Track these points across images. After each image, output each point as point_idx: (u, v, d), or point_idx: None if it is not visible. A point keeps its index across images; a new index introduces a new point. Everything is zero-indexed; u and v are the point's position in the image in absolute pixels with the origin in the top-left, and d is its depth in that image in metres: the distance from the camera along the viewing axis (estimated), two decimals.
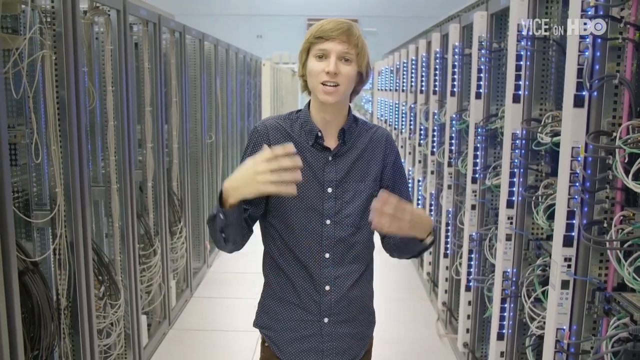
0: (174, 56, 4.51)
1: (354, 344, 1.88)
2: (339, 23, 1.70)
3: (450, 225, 4.25)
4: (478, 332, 3.54)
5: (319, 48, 1.69)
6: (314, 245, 1.78)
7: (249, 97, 8.21)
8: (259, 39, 18.26)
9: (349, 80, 1.71)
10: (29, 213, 2.70)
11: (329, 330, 1.83)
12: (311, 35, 1.71)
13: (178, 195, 4.64)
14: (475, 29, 3.37)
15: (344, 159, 1.79)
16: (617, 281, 2.00)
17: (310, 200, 1.76)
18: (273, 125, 1.80)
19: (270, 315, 1.87)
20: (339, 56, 1.68)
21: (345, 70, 1.69)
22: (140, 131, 3.91)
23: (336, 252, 1.79)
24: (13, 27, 2.60)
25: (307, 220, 1.77)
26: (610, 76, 1.95)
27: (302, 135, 1.79)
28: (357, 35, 1.71)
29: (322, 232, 1.78)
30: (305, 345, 1.83)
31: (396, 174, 1.86)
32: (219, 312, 4.68)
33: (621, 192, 1.97)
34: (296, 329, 1.83)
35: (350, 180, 1.79)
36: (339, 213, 1.78)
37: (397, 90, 7.13)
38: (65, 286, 2.63)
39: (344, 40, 1.68)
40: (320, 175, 1.77)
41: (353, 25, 1.72)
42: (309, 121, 1.79)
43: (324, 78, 1.68)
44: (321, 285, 1.79)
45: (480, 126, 3.37)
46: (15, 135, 2.55)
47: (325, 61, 1.68)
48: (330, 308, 1.81)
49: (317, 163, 1.77)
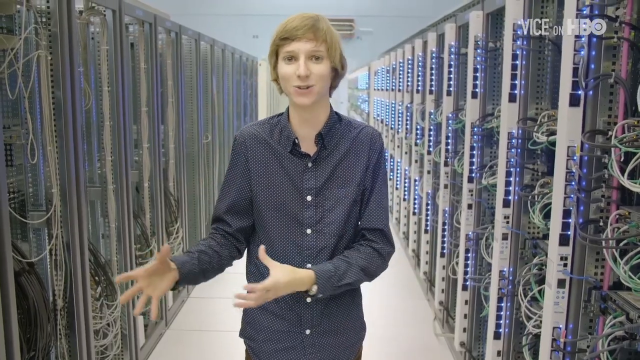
0: (170, 56, 4.50)
1: (339, 354, 1.81)
2: (303, 19, 1.60)
3: (446, 225, 4.26)
4: (475, 331, 3.54)
5: (286, 50, 1.60)
6: (294, 256, 1.71)
7: (245, 97, 8.20)
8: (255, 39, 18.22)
9: (323, 78, 1.62)
10: (24, 214, 2.69)
11: (312, 342, 1.77)
12: (277, 37, 1.62)
13: (174, 195, 4.64)
14: (471, 29, 3.38)
15: (324, 164, 1.71)
16: (613, 280, 2.01)
17: (289, 209, 1.70)
18: (251, 134, 1.74)
19: (253, 325, 1.82)
20: (308, 55, 1.59)
21: (317, 69, 1.60)
22: (136, 131, 3.90)
23: (317, 262, 1.71)
24: (8, 27, 2.58)
25: (286, 230, 1.71)
26: (606, 75, 1.96)
27: (281, 142, 1.72)
28: (325, 30, 1.60)
29: (303, 242, 1.71)
30: (288, 356, 1.77)
31: (375, 178, 1.75)
32: (215, 313, 4.68)
33: (617, 190, 1.98)
34: (278, 340, 1.77)
35: (331, 187, 1.71)
36: (320, 222, 1.71)
37: (393, 90, 7.13)
38: (61, 287, 2.62)
39: (310, 38, 1.58)
40: (298, 183, 1.70)
41: (319, 18, 1.62)
42: (287, 126, 1.71)
43: (296, 81, 1.60)
44: (302, 297, 1.72)
45: (476, 125, 3.38)
46: (11, 135, 2.53)
47: (294, 63, 1.60)
48: (312, 320, 1.75)
49: (295, 170, 1.70)
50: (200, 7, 18.25)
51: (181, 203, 4.75)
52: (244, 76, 8.06)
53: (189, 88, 5.25)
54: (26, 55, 2.39)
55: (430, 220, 4.99)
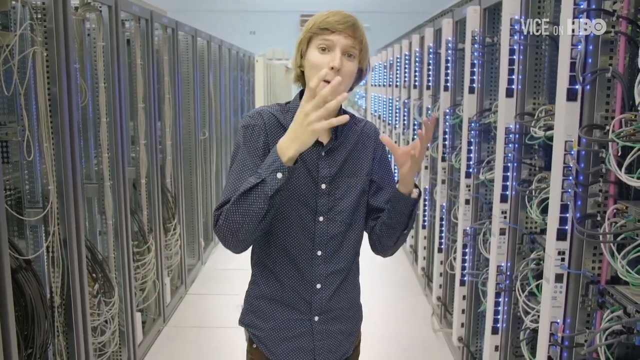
0: (166, 52, 4.49)
1: (344, 340, 1.85)
2: (346, 16, 1.62)
3: (444, 220, 4.26)
4: (473, 327, 3.55)
5: (324, 39, 1.60)
6: (307, 242, 1.73)
7: (242, 93, 8.19)
8: (252, 35, 18.21)
9: (350, 77, 1.63)
10: (21, 211, 2.69)
11: (320, 329, 1.79)
12: (314, 26, 1.62)
13: (172, 192, 4.63)
14: (468, 24, 3.37)
15: (336, 154, 1.74)
16: (611, 274, 2.01)
17: (304, 197, 1.72)
18: (270, 115, 1.71)
19: (258, 314, 1.82)
20: (344, 51, 1.60)
21: (348, 66, 1.61)
22: (133, 128, 3.90)
23: (328, 249, 1.75)
24: (3, 24, 2.58)
25: (300, 217, 1.72)
26: (603, 70, 1.95)
27: None
28: (362, 31, 1.64)
29: (315, 229, 1.73)
30: (296, 344, 1.79)
31: (384, 169, 1.82)
32: (213, 309, 4.68)
33: (614, 185, 1.98)
34: (286, 328, 1.78)
35: (342, 176, 1.74)
36: (332, 209, 1.74)
37: (390, 85, 7.13)
38: (58, 284, 2.62)
39: (350, 35, 1.60)
40: (314, 171, 1.72)
41: (358, 20, 1.65)
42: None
43: (326, 73, 1.56)
44: (312, 284, 1.75)
45: (473, 121, 3.38)
46: (7, 132, 2.53)
47: (328, 54, 1.60)
48: (321, 306, 1.77)
49: (310, 158, 1.71)
50: (197, 3, 18.23)
51: (178, 199, 4.75)
52: (241, 72, 8.04)
53: (186, 84, 5.24)
54: (22, 51, 2.38)
55: (427, 215, 4.99)
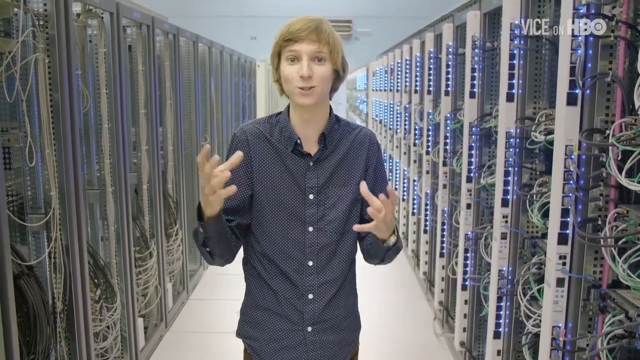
0: (167, 58, 4.50)
1: (339, 351, 1.84)
2: (307, 21, 1.62)
3: (445, 225, 4.26)
4: (474, 331, 3.54)
5: (290, 50, 1.62)
6: (296, 253, 1.74)
7: (244, 99, 8.20)
8: (254, 40, 18.24)
9: (325, 80, 1.64)
10: (23, 217, 2.69)
11: (313, 339, 1.78)
12: (280, 38, 1.64)
13: (173, 197, 4.64)
14: (469, 29, 3.38)
15: (326, 163, 1.74)
16: (612, 278, 2.01)
17: (292, 207, 1.72)
18: (252, 131, 1.74)
19: (253, 324, 1.82)
20: (311, 57, 1.61)
21: (319, 70, 1.62)
22: (134, 134, 3.90)
23: (320, 259, 1.75)
24: (5, 31, 2.58)
25: (288, 228, 1.73)
26: (603, 74, 1.96)
27: (282, 141, 1.73)
28: (328, 32, 1.63)
29: (305, 239, 1.73)
30: (290, 355, 1.79)
31: (377, 178, 1.80)
32: (216, 315, 4.67)
33: (615, 189, 1.98)
34: (279, 339, 1.78)
35: (332, 185, 1.74)
36: (322, 219, 1.74)
37: (391, 90, 7.13)
38: (60, 290, 2.62)
39: (314, 40, 1.61)
40: (301, 182, 1.72)
41: (322, 21, 1.64)
42: (287, 126, 1.73)
43: (299, 82, 1.62)
44: (304, 294, 1.75)
45: (474, 125, 3.38)
46: (9, 138, 2.54)
47: (297, 64, 1.62)
48: (314, 317, 1.77)
49: (297, 169, 1.72)
50: (198, 8, 18.26)
51: (180, 205, 4.76)
52: (242, 78, 8.06)
53: (187, 90, 5.25)
54: (24, 58, 2.39)
55: (429, 220, 4.99)
